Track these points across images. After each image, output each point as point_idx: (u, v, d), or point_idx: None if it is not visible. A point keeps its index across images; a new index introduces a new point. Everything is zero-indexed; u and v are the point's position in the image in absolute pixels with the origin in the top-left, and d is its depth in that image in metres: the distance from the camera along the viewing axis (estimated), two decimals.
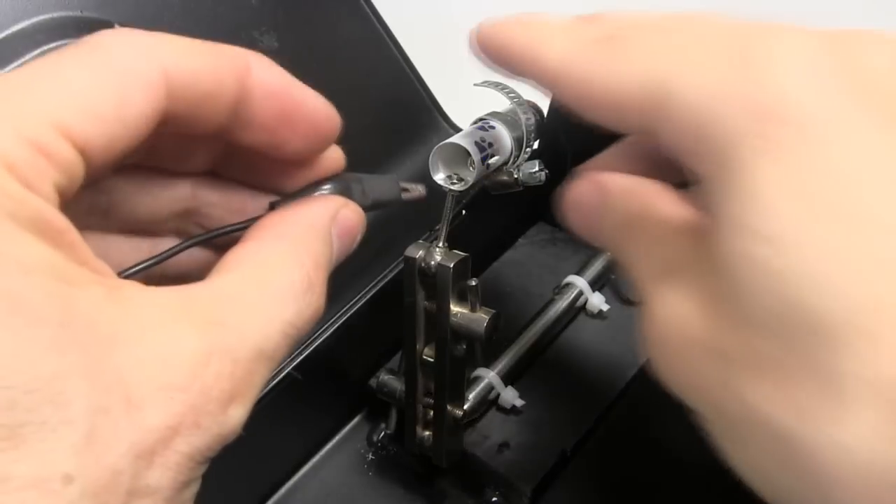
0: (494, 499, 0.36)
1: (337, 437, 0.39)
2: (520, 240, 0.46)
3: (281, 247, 0.24)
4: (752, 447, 0.23)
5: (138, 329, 0.20)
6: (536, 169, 0.33)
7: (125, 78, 0.21)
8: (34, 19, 0.37)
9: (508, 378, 0.38)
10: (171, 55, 0.22)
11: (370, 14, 0.45)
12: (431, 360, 0.33)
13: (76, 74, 0.21)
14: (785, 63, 0.21)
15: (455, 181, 0.31)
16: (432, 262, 0.31)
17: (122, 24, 0.38)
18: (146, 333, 0.20)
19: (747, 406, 0.22)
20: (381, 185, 0.28)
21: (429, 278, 0.31)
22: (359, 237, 0.27)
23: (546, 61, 0.26)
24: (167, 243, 0.26)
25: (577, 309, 0.41)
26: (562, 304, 0.40)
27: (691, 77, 0.22)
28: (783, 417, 0.21)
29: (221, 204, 0.27)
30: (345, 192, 0.27)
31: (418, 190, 0.29)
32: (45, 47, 0.36)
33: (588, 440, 0.37)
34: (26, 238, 0.19)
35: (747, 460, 0.23)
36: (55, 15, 0.37)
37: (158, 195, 0.26)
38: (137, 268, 0.23)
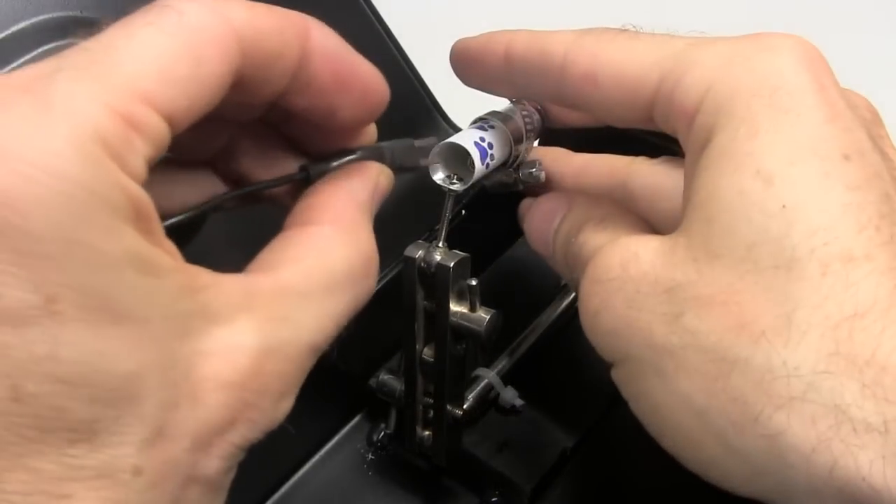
0: (494, 499, 0.36)
1: (337, 437, 0.39)
2: (520, 239, 0.46)
3: (339, 233, 0.24)
4: (684, 378, 0.23)
5: (206, 322, 0.20)
6: (536, 168, 0.33)
7: (199, 37, 0.20)
8: (34, 19, 0.37)
9: (508, 378, 0.38)
10: (240, 13, 0.21)
11: (370, 14, 0.45)
12: (431, 359, 0.33)
13: (152, 38, 0.20)
14: (785, 49, 0.24)
15: (454, 181, 0.31)
16: (432, 262, 0.31)
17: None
18: (213, 328, 0.21)
19: (690, 334, 0.23)
20: (403, 152, 0.29)
21: (428, 278, 0.31)
22: None
23: (557, 44, 0.27)
24: (197, 177, 0.27)
25: (577, 309, 0.41)
26: (562, 303, 0.40)
27: (705, 51, 0.25)
28: (730, 342, 0.22)
29: (252, 153, 0.27)
30: (380, 157, 0.27)
31: (431, 142, 0.30)
32: (46, 47, 0.36)
33: (588, 440, 0.37)
34: (117, 227, 0.18)
35: (675, 392, 0.24)
36: (55, 15, 0.37)
37: (200, 136, 0.26)
38: (175, 220, 0.23)
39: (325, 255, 0.24)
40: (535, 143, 0.35)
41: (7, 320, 0.17)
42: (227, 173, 0.27)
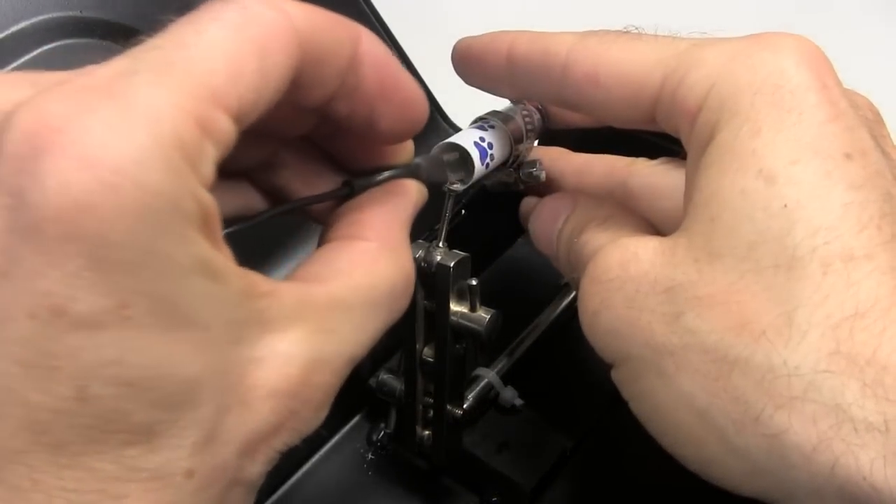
0: (494, 498, 0.36)
1: (337, 437, 0.39)
2: (520, 239, 0.46)
3: (385, 251, 0.25)
4: (685, 378, 0.24)
5: (261, 330, 0.21)
6: (536, 168, 0.33)
7: (264, 31, 0.20)
8: (34, 19, 0.37)
9: (508, 378, 0.38)
10: (297, 10, 0.21)
11: (370, 14, 0.45)
12: (431, 359, 0.33)
13: (220, 34, 0.20)
14: (788, 48, 0.24)
15: (454, 181, 0.31)
16: (432, 262, 0.31)
17: (123, 25, 0.38)
18: (267, 335, 0.21)
19: (690, 334, 0.23)
20: (435, 167, 0.30)
21: (429, 278, 0.31)
22: None
23: (559, 45, 0.27)
24: (234, 187, 0.27)
25: (578, 309, 0.41)
26: (562, 303, 0.40)
27: (709, 50, 0.25)
28: (731, 341, 0.22)
29: (292, 166, 0.27)
30: (416, 174, 0.28)
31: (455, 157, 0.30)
32: (46, 47, 0.36)
33: (588, 440, 0.37)
34: (189, 236, 0.19)
35: (676, 392, 0.24)
36: (55, 15, 0.37)
37: (246, 147, 0.25)
38: (233, 228, 0.24)
39: (372, 272, 0.24)
40: (536, 143, 0.35)
41: (80, 324, 0.17)
42: (264, 184, 0.27)
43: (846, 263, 0.22)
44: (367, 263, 0.24)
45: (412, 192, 0.27)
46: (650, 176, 0.31)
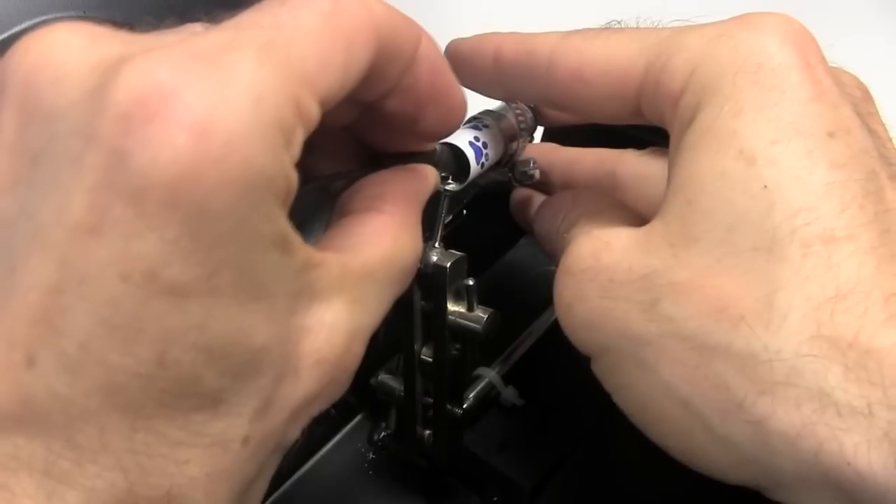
0: (495, 498, 0.36)
1: (337, 437, 0.39)
2: (521, 240, 0.46)
3: (406, 228, 0.25)
4: (665, 368, 0.23)
5: (311, 299, 0.21)
6: (530, 167, 0.32)
7: (351, 23, 0.21)
8: (37, 20, 0.37)
9: (509, 377, 0.38)
10: (377, 5, 0.22)
11: None
12: (430, 359, 0.33)
13: (313, 21, 0.20)
14: (771, 27, 0.24)
15: (450, 181, 0.31)
16: (429, 262, 0.31)
17: (124, 25, 0.38)
18: (315, 305, 0.21)
19: (668, 321, 0.23)
20: (445, 157, 0.30)
21: (425, 278, 0.31)
22: None
23: (543, 45, 0.27)
24: None
25: None
26: None
27: (691, 35, 0.25)
28: (710, 327, 0.22)
29: (324, 148, 0.27)
30: (435, 161, 0.29)
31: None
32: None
33: (588, 440, 0.37)
34: (275, 212, 0.19)
35: (657, 383, 0.24)
36: (57, 16, 0.38)
37: None
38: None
39: (394, 246, 0.24)
40: (530, 141, 0.35)
41: (170, 290, 0.18)
42: None
43: (827, 244, 0.21)
44: (390, 237, 0.24)
45: (430, 175, 0.28)
46: (637, 165, 0.30)
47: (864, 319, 0.20)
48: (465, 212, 0.38)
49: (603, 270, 0.24)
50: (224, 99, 0.17)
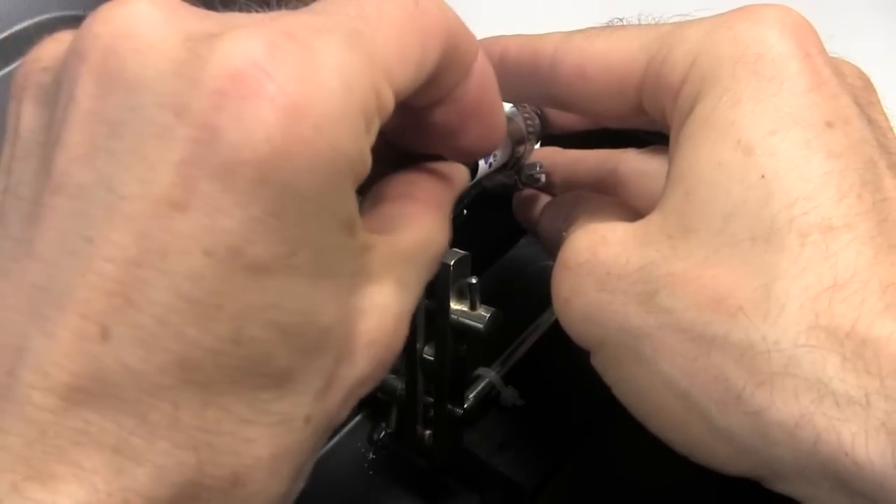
0: (495, 498, 0.36)
1: (337, 437, 0.39)
2: (522, 240, 0.46)
3: (440, 218, 0.25)
4: (663, 360, 0.23)
5: (365, 281, 0.21)
6: (537, 170, 0.33)
7: (428, 24, 0.21)
8: (36, 19, 0.37)
9: (509, 377, 0.38)
10: (450, 13, 0.22)
11: None
12: (431, 358, 0.33)
13: (396, 16, 0.20)
14: (770, 17, 0.24)
15: None
16: None
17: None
18: (368, 287, 0.22)
19: (666, 313, 0.23)
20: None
21: None
22: None
23: (546, 45, 0.27)
24: None
25: None
26: None
27: (691, 27, 0.25)
28: (708, 318, 0.22)
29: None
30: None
31: None
32: None
33: (588, 440, 0.37)
34: (351, 195, 0.20)
35: (655, 375, 0.24)
36: (58, 14, 0.38)
37: None
38: None
39: (430, 231, 0.25)
40: (537, 145, 0.35)
41: (252, 267, 0.18)
42: None
43: (825, 234, 0.21)
44: (427, 221, 0.25)
45: (462, 173, 0.28)
46: (638, 162, 0.31)
47: (861, 309, 0.21)
48: (465, 211, 0.38)
49: (600, 264, 0.25)
50: (317, 82, 0.18)
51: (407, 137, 0.27)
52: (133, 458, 0.17)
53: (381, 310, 0.22)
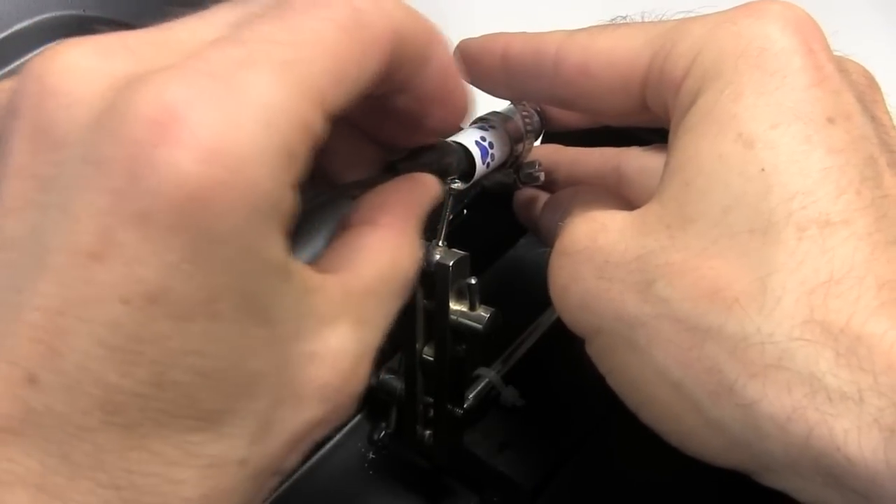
0: (495, 498, 0.36)
1: (337, 437, 0.39)
2: (521, 240, 0.46)
3: (405, 241, 0.25)
4: (658, 350, 0.23)
5: (315, 324, 0.21)
6: (535, 169, 0.33)
7: (369, 36, 0.20)
8: (36, 18, 0.37)
9: (509, 378, 0.38)
10: (398, 12, 0.21)
11: None
12: (431, 359, 0.33)
13: (333, 35, 0.20)
14: (773, 13, 0.24)
15: (455, 180, 0.31)
16: (431, 261, 0.31)
17: (126, 24, 0.38)
18: (318, 330, 0.21)
19: (662, 303, 0.23)
20: (456, 159, 0.30)
21: (428, 277, 0.31)
22: None
23: (550, 42, 0.27)
24: None
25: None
26: None
27: (694, 23, 0.25)
28: (704, 309, 0.22)
29: (332, 145, 0.27)
30: (446, 163, 0.29)
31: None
32: (48, 46, 0.36)
33: (588, 440, 0.37)
34: (277, 237, 0.19)
35: (649, 365, 0.24)
36: (57, 14, 0.38)
37: None
38: None
39: (395, 260, 0.24)
40: (537, 143, 0.35)
41: (170, 314, 0.18)
42: None
43: (822, 229, 0.21)
44: (388, 251, 0.24)
45: (431, 185, 0.27)
46: (641, 159, 0.31)
47: (856, 305, 0.21)
48: (465, 211, 0.38)
49: (598, 251, 0.25)
50: (234, 122, 0.17)
51: (378, 127, 0.27)
52: (56, 496, 0.18)
53: (334, 353, 0.21)
